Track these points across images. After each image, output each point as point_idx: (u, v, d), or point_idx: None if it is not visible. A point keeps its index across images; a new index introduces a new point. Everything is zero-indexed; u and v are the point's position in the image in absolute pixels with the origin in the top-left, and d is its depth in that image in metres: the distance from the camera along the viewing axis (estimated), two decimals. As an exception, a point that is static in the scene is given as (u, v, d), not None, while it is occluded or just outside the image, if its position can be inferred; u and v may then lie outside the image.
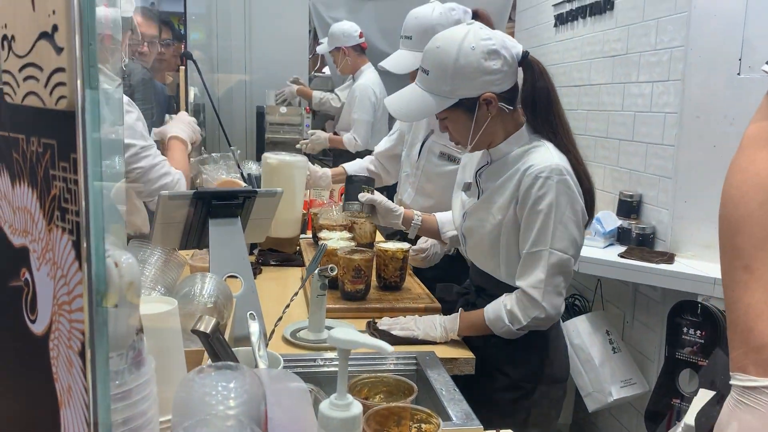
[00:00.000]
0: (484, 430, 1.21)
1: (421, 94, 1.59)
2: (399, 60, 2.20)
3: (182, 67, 2.61)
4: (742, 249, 0.82)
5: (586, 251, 2.70)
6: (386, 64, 2.25)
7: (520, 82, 1.61)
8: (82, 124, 0.47)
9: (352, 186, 1.91)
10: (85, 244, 0.49)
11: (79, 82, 0.46)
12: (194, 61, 2.54)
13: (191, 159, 2.34)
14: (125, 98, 1.97)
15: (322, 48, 4.39)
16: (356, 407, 0.69)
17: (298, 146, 4.38)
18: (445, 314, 1.74)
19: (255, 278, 2.13)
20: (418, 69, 1.64)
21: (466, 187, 1.75)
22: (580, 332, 2.73)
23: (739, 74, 2.42)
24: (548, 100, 1.59)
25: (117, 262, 0.50)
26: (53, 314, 0.55)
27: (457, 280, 1.91)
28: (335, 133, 4.31)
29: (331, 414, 0.68)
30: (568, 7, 3.61)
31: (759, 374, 0.77)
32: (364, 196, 1.86)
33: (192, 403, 0.66)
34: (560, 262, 1.54)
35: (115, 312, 0.49)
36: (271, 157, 2.28)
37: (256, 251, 2.36)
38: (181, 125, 2.21)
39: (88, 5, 0.46)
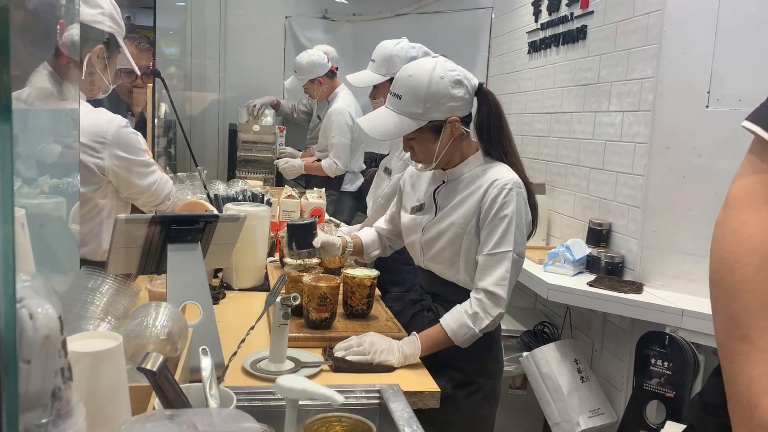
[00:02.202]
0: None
1: (395, 116, 1.77)
2: (363, 77, 2.62)
3: (150, 85, 2.56)
4: (740, 318, 0.77)
5: (555, 279, 2.70)
6: (350, 78, 2.64)
7: (474, 111, 1.83)
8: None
9: (302, 232, 1.94)
10: (-6, 294, 0.45)
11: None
12: (162, 79, 2.49)
13: None
14: (123, 121, 1.99)
15: (291, 82, 4.32)
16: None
17: (275, 162, 4.36)
18: (399, 323, 1.91)
19: (218, 303, 2.09)
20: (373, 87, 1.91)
21: (417, 209, 1.91)
22: (549, 361, 2.70)
23: (707, 107, 2.44)
24: (500, 126, 1.82)
25: (32, 314, 0.46)
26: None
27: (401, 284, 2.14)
28: (318, 160, 4.27)
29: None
30: (541, 35, 3.64)
31: None
32: (318, 241, 1.95)
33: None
34: (517, 263, 1.74)
35: (27, 369, 0.45)
36: (232, 207, 2.24)
37: (220, 274, 2.30)
38: None
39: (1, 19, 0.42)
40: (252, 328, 1.38)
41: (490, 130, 1.80)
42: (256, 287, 2.26)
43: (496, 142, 1.81)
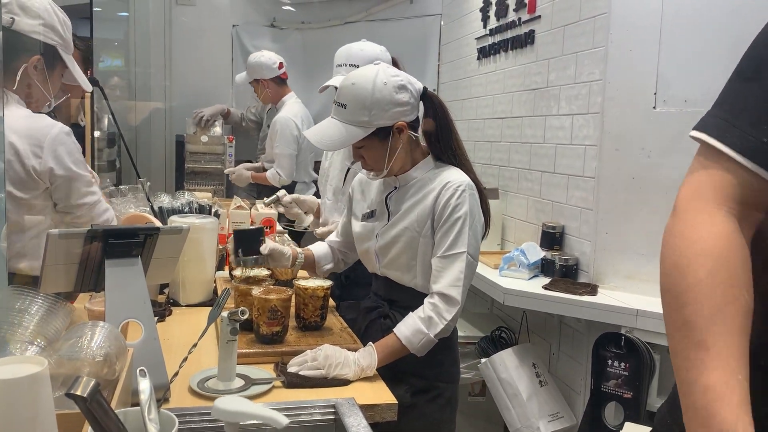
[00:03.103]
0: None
1: (341, 126, 1.74)
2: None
3: (87, 94, 2.45)
4: (695, 323, 0.74)
5: (511, 283, 2.69)
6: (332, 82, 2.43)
7: (420, 115, 1.81)
8: None
9: (248, 239, 1.89)
10: None
11: None
12: (101, 88, 2.39)
13: None
14: (66, 126, 1.89)
15: (240, 78, 4.29)
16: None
17: (227, 171, 4.27)
18: (355, 332, 1.87)
19: (164, 320, 2.00)
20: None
21: (368, 216, 1.90)
22: (507, 366, 2.68)
23: (654, 108, 2.47)
24: (448, 129, 1.80)
25: None
26: None
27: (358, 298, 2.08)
28: (263, 168, 4.19)
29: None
30: (490, 40, 3.65)
31: None
32: (266, 248, 1.89)
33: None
34: (472, 265, 1.73)
35: None
36: (177, 220, 2.15)
37: (167, 290, 2.20)
38: None
39: None
40: (194, 345, 1.31)
41: (438, 134, 1.80)
42: (204, 302, 2.17)
43: (445, 145, 1.81)
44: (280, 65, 4.11)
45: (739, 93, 0.83)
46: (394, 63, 2.43)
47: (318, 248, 2.10)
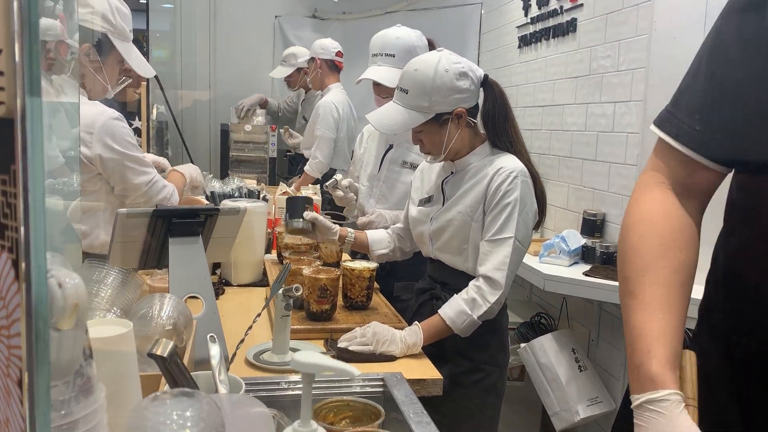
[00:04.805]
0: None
1: (402, 110, 1.80)
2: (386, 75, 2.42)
3: (143, 83, 2.56)
4: (628, 278, 0.90)
5: (551, 269, 2.72)
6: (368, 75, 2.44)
7: (480, 102, 1.84)
8: (22, 133, 0.43)
9: (295, 205, 2.00)
10: (24, 264, 0.46)
11: (19, 87, 0.43)
12: (156, 78, 2.49)
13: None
14: (116, 112, 1.96)
15: (277, 73, 4.35)
16: (320, 433, 0.65)
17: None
18: (407, 312, 1.94)
19: (217, 299, 2.09)
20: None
21: (426, 201, 1.94)
22: (547, 351, 2.72)
23: (698, 95, 2.46)
24: (506, 116, 1.83)
25: (61, 283, 0.47)
26: (-9, 340, 0.50)
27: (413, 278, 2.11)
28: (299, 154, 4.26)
29: (294, 441, 0.64)
30: (531, 29, 3.67)
31: (635, 391, 0.83)
32: (308, 214, 1.97)
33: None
34: (519, 251, 1.75)
35: (59, 337, 0.45)
36: (229, 203, 2.24)
37: (219, 271, 2.30)
38: (185, 167, 2.32)
39: (30, 2, 0.43)
40: (259, 315, 1.40)
41: (495, 121, 1.82)
42: (254, 283, 2.26)
43: (502, 132, 1.83)
44: (339, 53, 4.15)
45: (682, 87, 0.97)
46: (430, 45, 2.43)
47: (374, 233, 2.14)
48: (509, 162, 1.78)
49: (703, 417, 0.83)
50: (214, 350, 1.07)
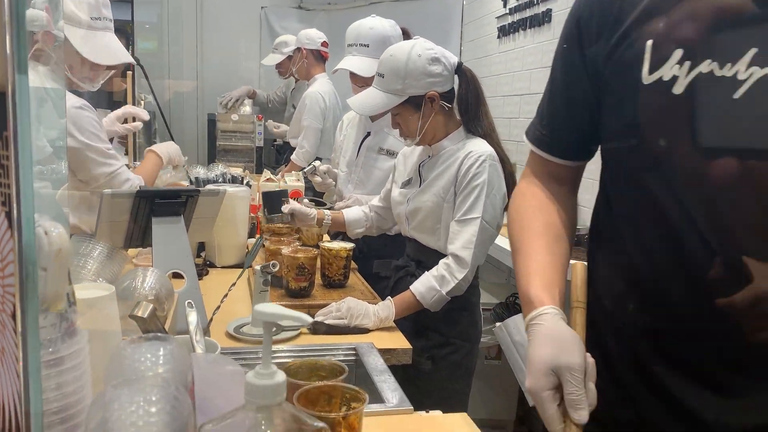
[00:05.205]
0: (415, 410, 1.28)
1: (379, 94, 1.93)
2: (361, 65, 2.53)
3: (129, 72, 2.63)
4: (512, 238, 1.09)
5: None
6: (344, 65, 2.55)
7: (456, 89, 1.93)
8: (13, 105, 0.52)
9: (272, 199, 2.13)
10: (15, 215, 0.55)
11: (9, 66, 0.52)
12: (142, 67, 2.57)
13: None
14: (81, 101, 1.99)
15: (269, 60, 4.42)
16: (280, 375, 0.75)
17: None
18: (383, 287, 2.05)
19: (202, 278, 2.18)
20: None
21: (406, 183, 2.03)
22: (520, 329, 2.82)
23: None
24: (478, 102, 1.94)
25: (47, 231, 0.56)
26: (-12, 282, 0.60)
27: (392, 258, 2.22)
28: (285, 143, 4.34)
29: (256, 382, 0.73)
30: (509, 19, 3.76)
31: (525, 317, 0.97)
32: (287, 207, 2.10)
33: (123, 371, 0.71)
34: (486, 231, 1.84)
35: (44, 275, 0.54)
36: (211, 187, 2.32)
37: (203, 254, 2.39)
38: (163, 146, 2.37)
39: (18, -3, 0.52)
40: (233, 284, 1.49)
41: (468, 106, 1.93)
42: (238, 265, 2.36)
43: (474, 117, 1.93)
44: (324, 44, 4.21)
45: (542, 96, 1.14)
46: (405, 34, 2.53)
47: (351, 212, 2.26)
48: (479, 146, 1.88)
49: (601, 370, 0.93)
50: (192, 316, 1.16)
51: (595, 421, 0.92)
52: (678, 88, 0.85)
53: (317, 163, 2.64)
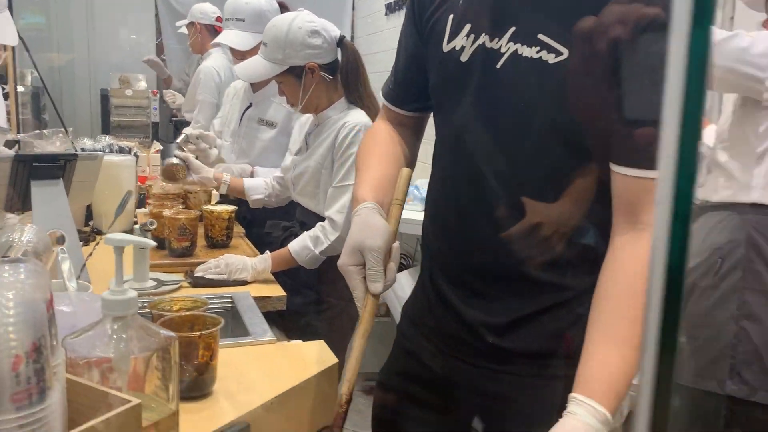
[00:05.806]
0: (278, 340, 1.46)
1: (263, 62, 2.04)
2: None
3: (9, 46, 2.63)
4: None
5: (408, 214, 3.04)
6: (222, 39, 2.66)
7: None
8: None
9: (168, 149, 2.22)
10: None
11: None
12: (22, 39, 2.57)
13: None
14: None
15: (181, 23, 4.41)
16: (131, 293, 0.90)
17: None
18: (273, 245, 2.12)
19: (88, 244, 2.26)
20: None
21: (297, 151, 2.18)
22: (404, 286, 3.05)
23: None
24: (357, 74, 2.06)
25: None
26: None
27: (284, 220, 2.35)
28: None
29: (110, 297, 0.89)
30: (395, -4, 3.95)
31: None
32: (180, 153, 2.23)
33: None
34: None
35: None
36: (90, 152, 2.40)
37: (91, 222, 2.46)
38: None
39: None
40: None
41: (348, 78, 2.06)
42: (125, 231, 2.44)
43: (354, 88, 2.07)
44: (219, 18, 4.22)
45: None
46: (282, 7, 2.64)
47: (250, 180, 2.37)
48: (356, 116, 2.01)
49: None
50: (66, 263, 1.28)
51: (413, 324, 1.18)
52: (464, 57, 1.05)
53: (187, 129, 2.68)
